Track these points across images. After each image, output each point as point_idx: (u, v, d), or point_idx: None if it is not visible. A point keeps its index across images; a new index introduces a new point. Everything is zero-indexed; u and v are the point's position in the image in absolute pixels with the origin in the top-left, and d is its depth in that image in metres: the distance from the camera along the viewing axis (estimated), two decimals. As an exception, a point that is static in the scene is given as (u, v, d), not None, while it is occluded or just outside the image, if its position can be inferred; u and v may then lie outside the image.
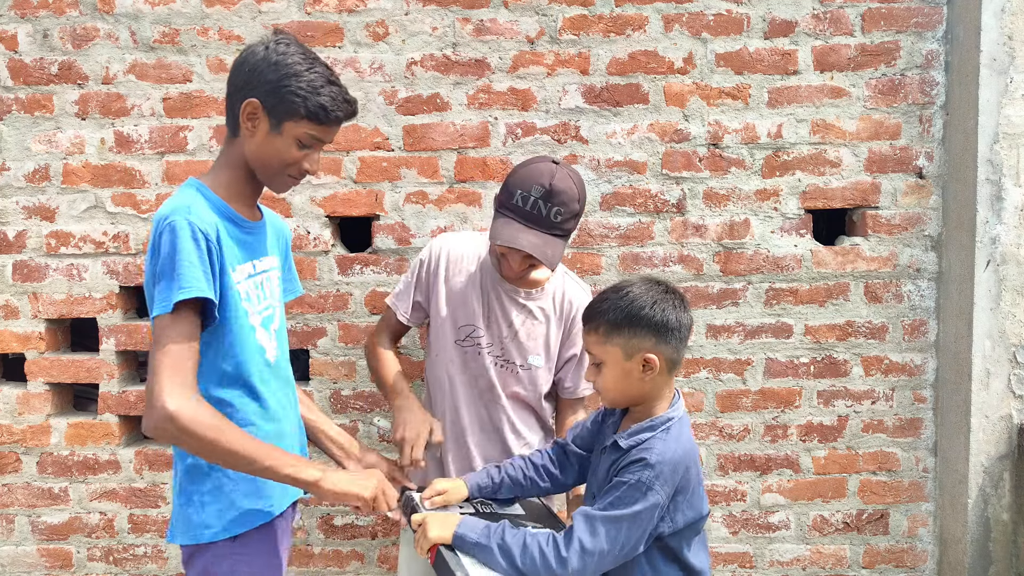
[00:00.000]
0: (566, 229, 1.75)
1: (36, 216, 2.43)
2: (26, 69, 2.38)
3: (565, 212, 1.73)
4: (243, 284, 1.53)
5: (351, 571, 2.52)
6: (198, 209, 1.45)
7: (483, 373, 1.89)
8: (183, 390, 1.36)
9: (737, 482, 2.50)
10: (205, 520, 1.50)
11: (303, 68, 1.47)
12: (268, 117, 1.49)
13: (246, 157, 1.54)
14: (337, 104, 1.50)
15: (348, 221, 2.49)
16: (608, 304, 1.47)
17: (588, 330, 1.51)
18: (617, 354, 1.46)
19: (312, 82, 1.47)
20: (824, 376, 2.47)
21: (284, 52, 1.49)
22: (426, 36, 2.38)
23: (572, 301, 1.91)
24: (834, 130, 2.41)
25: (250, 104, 1.49)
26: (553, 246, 1.72)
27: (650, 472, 1.40)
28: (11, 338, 2.44)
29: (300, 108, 1.47)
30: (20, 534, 2.49)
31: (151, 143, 2.40)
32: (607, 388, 1.50)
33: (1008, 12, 2.24)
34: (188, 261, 1.39)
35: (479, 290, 1.89)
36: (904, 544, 2.51)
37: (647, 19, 2.37)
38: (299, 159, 1.53)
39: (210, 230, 1.44)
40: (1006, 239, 2.29)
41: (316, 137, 1.52)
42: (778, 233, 2.44)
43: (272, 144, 1.51)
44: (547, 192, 1.71)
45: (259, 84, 1.48)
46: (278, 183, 1.58)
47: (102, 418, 2.46)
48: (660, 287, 1.49)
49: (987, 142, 2.26)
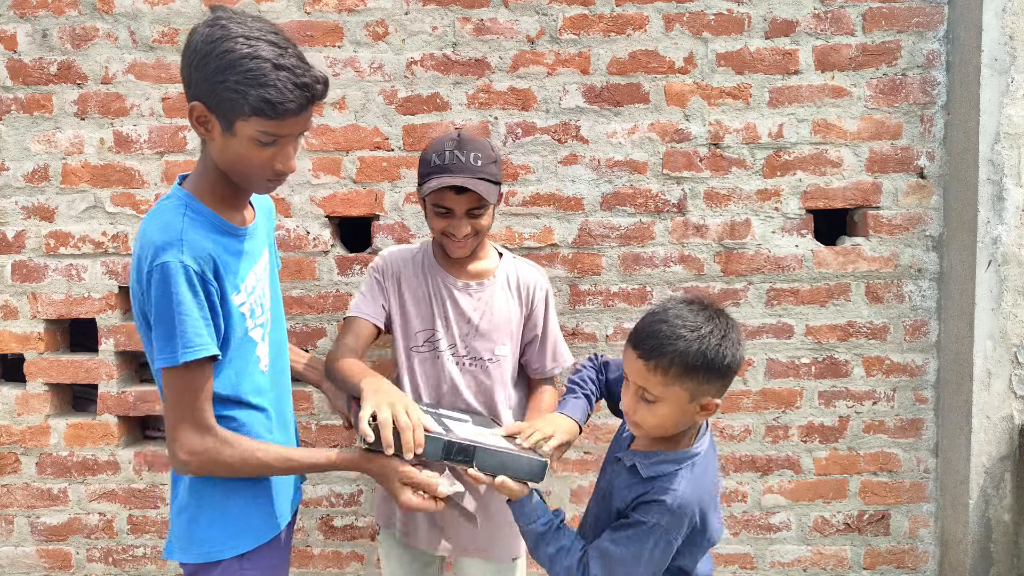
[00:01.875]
0: (490, 173, 1.75)
1: (35, 216, 2.42)
2: (25, 69, 2.38)
3: (483, 157, 1.74)
4: (248, 302, 1.44)
5: (351, 572, 2.52)
6: (191, 238, 1.33)
7: (445, 377, 1.83)
8: (194, 436, 1.36)
9: (738, 483, 2.49)
10: (212, 537, 1.44)
11: (239, 55, 1.24)
12: (217, 118, 1.31)
13: (216, 163, 1.39)
14: (285, 93, 1.27)
15: (348, 221, 2.49)
16: (685, 344, 1.32)
17: (651, 367, 1.34)
18: (683, 397, 1.35)
19: (251, 72, 1.24)
20: (825, 376, 2.47)
21: (218, 38, 1.26)
22: (426, 36, 2.38)
23: (528, 282, 1.91)
24: (835, 130, 2.40)
25: (195, 108, 1.31)
26: (484, 185, 1.72)
27: (669, 518, 1.37)
28: (10, 338, 2.44)
29: (242, 105, 1.26)
30: (19, 535, 2.49)
31: (150, 143, 2.40)
32: (655, 425, 1.40)
33: (1009, 12, 2.23)
34: (188, 315, 1.30)
35: (429, 294, 1.86)
36: (905, 545, 2.51)
37: (648, 19, 2.37)
38: (265, 160, 1.34)
39: (206, 265, 1.33)
40: (1007, 239, 2.28)
41: (274, 133, 1.31)
42: (779, 233, 2.43)
43: (231, 147, 1.33)
44: (458, 141, 1.75)
45: (198, 82, 1.29)
46: (256, 187, 1.44)
47: (101, 419, 2.45)
48: (727, 323, 1.38)
49: (988, 142, 2.26)
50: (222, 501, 1.45)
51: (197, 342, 1.31)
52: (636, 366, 1.37)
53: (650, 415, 1.38)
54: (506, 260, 1.94)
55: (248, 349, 1.45)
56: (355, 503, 2.49)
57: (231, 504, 1.45)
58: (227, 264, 1.39)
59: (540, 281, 1.93)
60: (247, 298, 1.44)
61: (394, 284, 1.88)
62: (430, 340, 1.83)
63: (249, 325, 1.45)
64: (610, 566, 1.39)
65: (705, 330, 1.34)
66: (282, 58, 1.28)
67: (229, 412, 1.44)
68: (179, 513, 1.47)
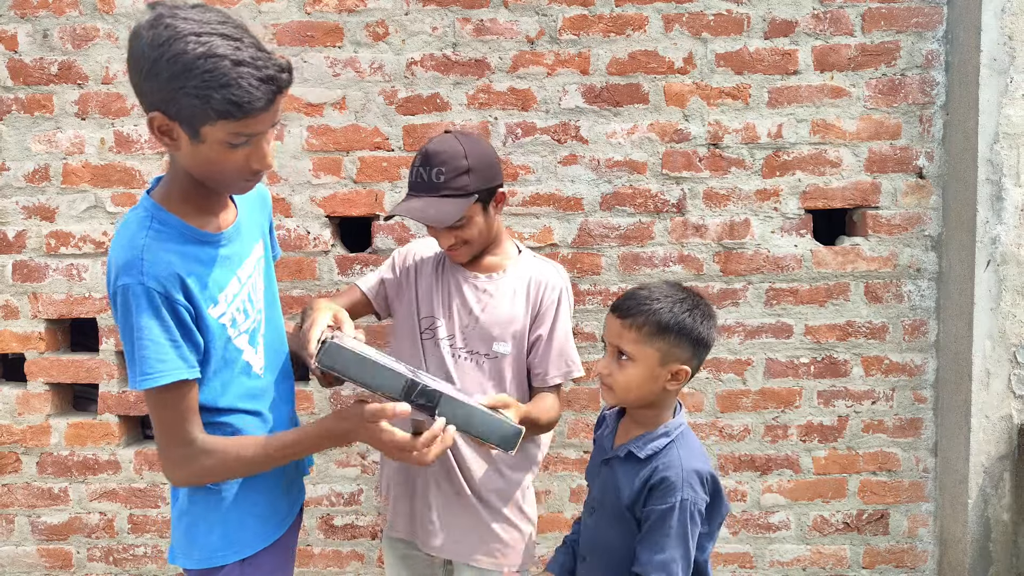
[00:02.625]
0: (457, 187, 1.67)
1: (36, 216, 2.42)
2: (26, 69, 2.38)
3: (448, 170, 1.67)
4: (228, 311, 1.37)
5: (351, 571, 2.52)
6: (153, 257, 1.25)
7: (441, 365, 1.79)
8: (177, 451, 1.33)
9: (737, 482, 2.50)
10: (212, 543, 1.41)
11: (194, 56, 1.14)
12: (181, 127, 1.21)
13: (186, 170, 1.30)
14: (251, 91, 1.16)
15: (348, 221, 2.49)
16: (659, 305, 1.43)
17: (627, 324, 1.44)
18: (653, 357, 1.43)
19: (209, 73, 1.14)
20: (824, 376, 2.47)
21: (165, 40, 1.14)
22: (426, 36, 2.38)
23: (541, 280, 1.81)
24: (834, 130, 2.41)
25: (155, 119, 1.20)
26: (438, 206, 1.67)
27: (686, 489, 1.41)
28: (11, 338, 2.44)
29: (207, 111, 1.17)
30: (20, 534, 2.49)
31: (151, 143, 2.40)
32: (627, 386, 1.45)
33: (1008, 12, 2.23)
34: (149, 340, 1.25)
35: (439, 283, 1.84)
36: (904, 544, 2.51)
37: (647, 19, 2.37)
38: (240, 161, 1.26)
39: (171, 284, 1.26)
40: (1006, 239, 2.29)
41: (244, 133, 1.22)
42: (778, 233, 2.44)
43: (201, 154, 1.24)
44: (424, 157, 1.71)
45: (153, 91, 1.19)
46: (233, 189, 1.37)
47: (102, 418, 2.46)
48: (703, 302, 1.48)
49: (987, 142, 2.26)
50: (220, 506, 1.42)
51: (159, 368, 1.26)
52: (613, 326, 1.47)
53: (621, 375, 1.45)
54: (523, 258, 1.86)
55: (233, 358, 1.40)
56: (355, 503, 2.50)
57: (230, 508, 1.42)
58: (200, 277, 1.31)
59: (553, 281, 1.82)
60: (226, 308, 1.37)
61: (413, 270, 1.87)
62: (430, 328, 1.82)
63: (232, 334, 1.38)
64: (670, 569, 1.40)
65: (678, 298, 1.45)
66: (239, 52, 1.16)
67: (222, 419, 1.41)
68: (179, 518, 1.45)
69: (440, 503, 1.78)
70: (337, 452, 2.48)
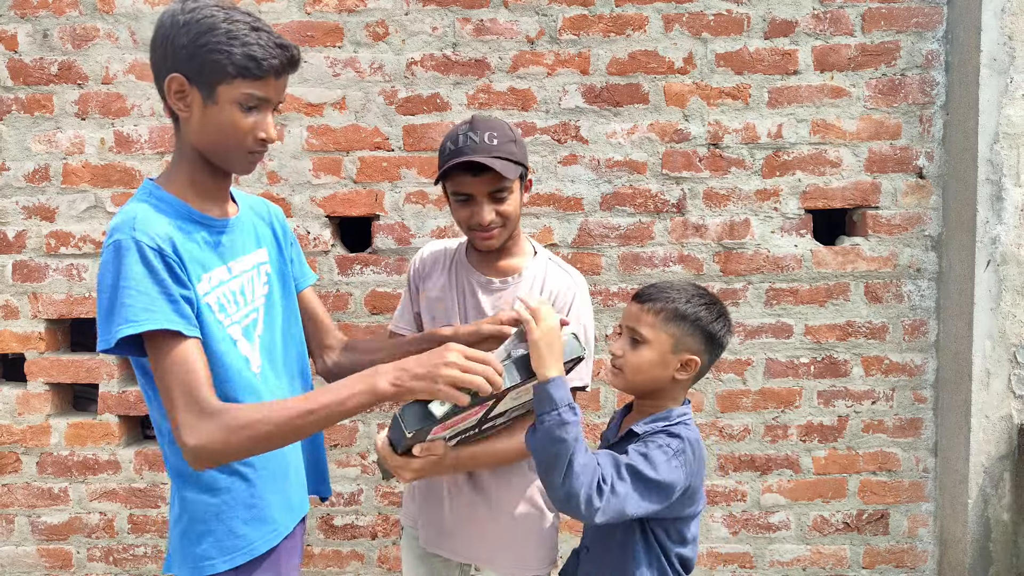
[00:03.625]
0: (509, 151, 1.61)
1: (36, 216, 2.42)
2: (26, 69, 2.38)
3: (500, 136, 1.61)
4: (213, 295, 1.34)
5: (351, 571, 2.52)
6: (146, 219, 1.26)
7: None
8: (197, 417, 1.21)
9: (737, 482, 2.50)
10: (205, 552, 1.37)
11: (218, 19, 1.26)
12: (197, 88, 1.28)
13: (193, 143, 1.34)
14: (268, 50, 1.28)
15: (348, 221, 2.49)
16: (680, 294, 1.48)
17: (647, 308, 1.47)
18: (667, 343, 1.45)
19: (231, 32, 1.26)
20: (824, 376, 2.47)
21: (193, 9, 1.28)
22: (426, 36, 2.38)
23: (553, 289, 1.72)
24: (834, 130, 2.41)
25: (173, 80, 1.28)
26: (501, 162, 1.58)
27: (679, 443, 1.41)
28: (11, 338, 2.44)
29: (226, 65, 1.26)
30: (20, 534, 2.49)
31: (151, 143, 2.40)
32: (638, 368, 1.46)
33: (1008, 12, 2.23)
34: (135, 290, 1.20)
35: (454, 288, 1.78)
36: (904, 544, 2.51)
37: (647, 19, 2.37)
38: (248, 127, 1.31)
39: (164, 243, 1.25)
40: (1006, 239, 2.29)
41: (258, 96, 1.29)
42: (778, 233, 2.44)
43: (212, 118, 1.30)
44: (471, 124, 1.63)
45: (176, 54, 1.27)
46: (238, 162, 1.36)
47: (102, 418, 2.46)
48: (723, 306, 1.52)
49: (987, 142, 2.26)
50: (213, 513, 1.38)
51: (143, 317, 1.19)
52: (632, 310, 1.50)
53: (634, 356, 1.46)
54: (539, 260, 1.77)
55: (227, 344, 1.36)
56: (355, 503, 2.50)
57: (222, 516, 1.37)
58: (190, 251, 1.30)
59: (567, 289, 1.73)
60: (210, 288, 1.34)
61: (421, 282, 1.82)
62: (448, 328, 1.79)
63: (221, 318, 1.34)
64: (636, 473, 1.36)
65: (699, 294, 1.50)
66: (257, 23, 1.30)
67: None
68: (174, 525, 1.42)
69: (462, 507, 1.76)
70: (337, 452, 2.48)
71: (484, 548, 1.77)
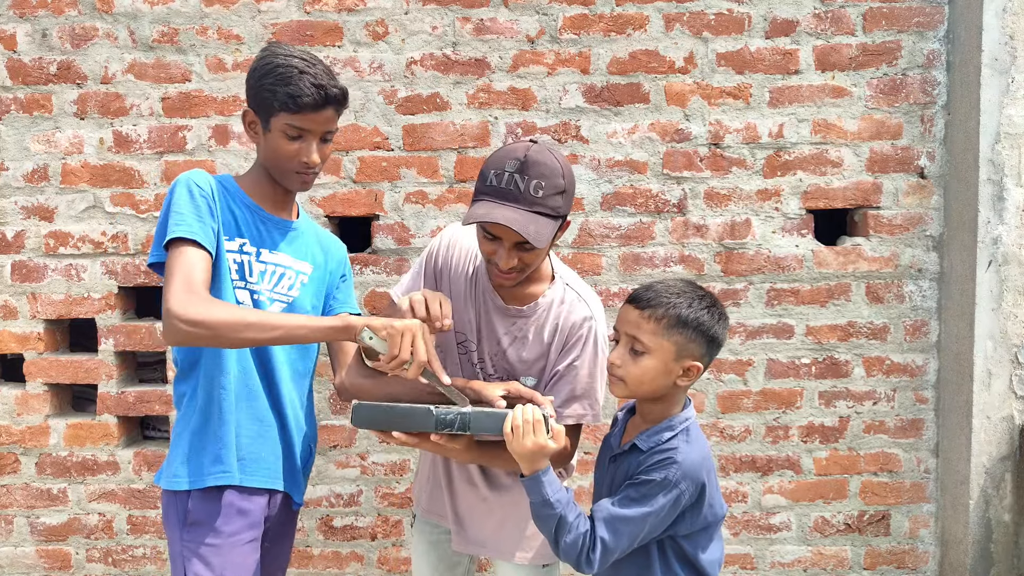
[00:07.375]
0: (551, 207, 1.51)
1: (35, 216, 2.42)
2: (25, 69, 2.38)
3: (547, 186, 1.49)
4: (233, 256, 1.58)
5: (351, 572, 2.51)
6: (200, 173, 1.57)
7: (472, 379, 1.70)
8: (189, 294, 1.44)
9: (738, 483, 2.49)
10: (176, 470, 1.59)
11: (277, 63, 1.54)
12: (260, 120, 1.59)
13: (261, 162, 1.65)
14: (304, 90, 1.52)
15: (348, 221, 2.48)
16: (680, 300, 1.42)
17: (646, 316, 1.42)
18: (670, 351, 1.42)
19: (282, 75, 1.53)
20: (825, 377, 2.46)
21: (265, 55, 1.58)
22: (426, 35, 2.37)
23: (566, 326, 1.66)
24: (835, 130, 2.40)
25: (247, 114, 1.61)
26: (537, 223, 1.48)
27: (676, 469, 1.39)
28: (10, 338, 2.43)
29: (273, 102, 1.54)
30: (19, 535, 2.49)
31: (150, 143, 2.40)
32: (640, 378, 1.43)
33: (1009, 12, 2.23)
34: (176, 211, 1.50)
35: (471, 302, 1.71)
36: (905, 545, 2.51)
37: (648, 18, 2.37)
38: (293, 152, 1.58)
39: (206, 187, 1.55)
40: (1008, 239, 2.28)
41: (297, 127, 1.56)
42: (779, 233, 2.43)
43: (269, 144, 1.60)
44: (522, 164, 1.50)
45: (248, 92, 1.60)
46: (288, 180, 1.64)
47: (101, 419, 2.45)
48: (719, 302, 1.50)
49: (989, 142, 2.26)
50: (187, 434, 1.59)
51: (175, 230, 1.49)
52: (631, 317, 1.45)
53: (635, 367, 1.43)
54: (556, 287, 1.69)
55: (229, 296, 1.57)
56: (355, 504, 2.49)
57: (194, 439, 1.58)
58: (230, 210, 1.59)
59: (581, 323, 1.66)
60: (235, 249, 1.59)
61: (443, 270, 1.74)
62: (464, 344, 1.73)
63: (235, 278, 1.58)
64: (615, 527, 1.39)
65: (697, 295, 1.46)
66: (309, 68, 1.54)
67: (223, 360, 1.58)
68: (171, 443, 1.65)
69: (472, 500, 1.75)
70: (337, 453, 2.48)
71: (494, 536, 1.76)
